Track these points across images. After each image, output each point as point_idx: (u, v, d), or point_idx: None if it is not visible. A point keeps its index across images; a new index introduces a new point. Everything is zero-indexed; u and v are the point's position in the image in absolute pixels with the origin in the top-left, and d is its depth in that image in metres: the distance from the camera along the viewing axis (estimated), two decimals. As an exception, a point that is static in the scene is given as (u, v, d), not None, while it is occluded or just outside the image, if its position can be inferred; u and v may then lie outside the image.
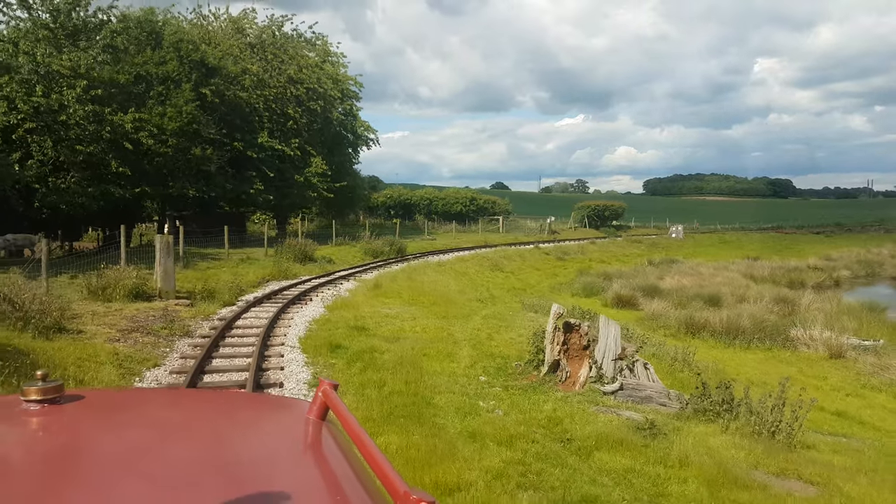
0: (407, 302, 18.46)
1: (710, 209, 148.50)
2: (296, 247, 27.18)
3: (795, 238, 78.54)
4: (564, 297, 29.99)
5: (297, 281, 21.86)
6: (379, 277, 23.84)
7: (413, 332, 13.25)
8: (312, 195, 36.24)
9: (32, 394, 1.60)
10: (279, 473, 1.38)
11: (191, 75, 29.51)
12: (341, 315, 15.18)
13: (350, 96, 43.52)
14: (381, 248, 33.70)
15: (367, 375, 9.42)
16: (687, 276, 36.29)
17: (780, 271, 42.45)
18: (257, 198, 32.23)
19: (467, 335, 13.39)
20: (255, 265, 24.07)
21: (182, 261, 20.93)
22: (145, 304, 14.45)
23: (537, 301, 21.96)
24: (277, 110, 35.04)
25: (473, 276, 31.59)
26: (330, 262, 28.09)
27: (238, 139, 31.27)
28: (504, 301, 22.99)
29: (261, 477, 1.35)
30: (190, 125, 28.46)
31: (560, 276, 38.34)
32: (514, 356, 11.19)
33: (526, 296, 27.67)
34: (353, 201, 47.15)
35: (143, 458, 1.44)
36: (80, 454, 1.45)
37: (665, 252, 56.38)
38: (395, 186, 64.22)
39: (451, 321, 15.14)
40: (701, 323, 21.00)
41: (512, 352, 11.62)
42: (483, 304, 20.54)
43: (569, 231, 62.58)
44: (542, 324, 15.62)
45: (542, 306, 20.28)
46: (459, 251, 40.45)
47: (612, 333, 9.37)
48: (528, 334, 14.02)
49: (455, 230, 51.99)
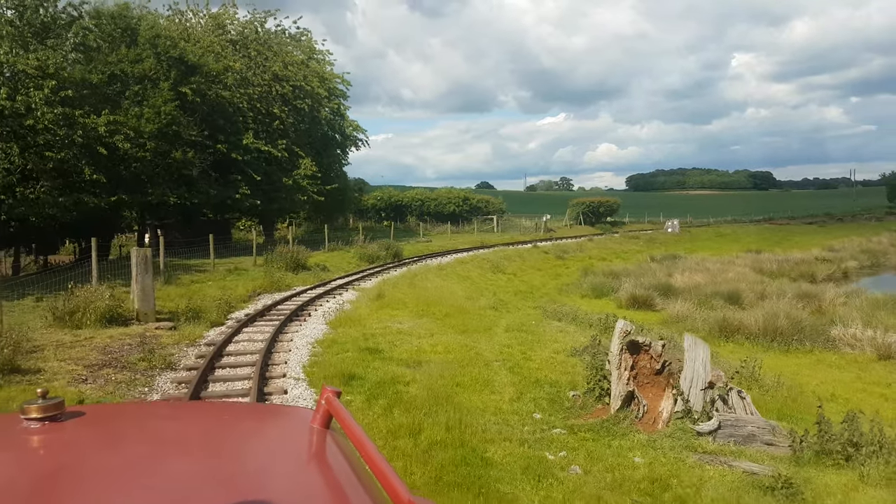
0: (416, 313, 16.61)
1: (695, 203, 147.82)
2: (287, 254, 25.24)
3: (790, 229, 77.45)
4: (573, 298, 28.30)
5: (292, 293, 19.95)
6: (380, 286, 21.96)
7: (434, 352, 11.41)
8: (302, 199, 34.26)
9: (33, 412, 1.58)
10: (283, 483, 1.37)
11: (169, 73, 27.47)
12: (347, 333, 13.31)
13: (337, 95, 41.60)
14: (377, 252, 31.82)
15: (396, 418, 7.58)
16: (696, 272, 34.65)
17: (787, 264, 40.98)
18: (243, 203, 30.22)
19: (497, 354, 11.57)
20: (244, 276, 22.12)
21: (163, 275, 18.95)
22: (121, 329, 12.51)
23: (558, 308, 20.19)
24: (262, 110, 33.04)
25: (476, 280, 29.80)
26: (325, 270, 26.16)
27: (221, 141, 29.26)
28: (517, 307, 21.19)
29: (265, 487, 1.34)
30: (169, 127, 26.44)
31: (564, 277, 36.63)
32: (565, 382, 9.38)
33: (534, 299, 25.92)
34: (344, 204, 45.18)
35: (146, 473, 1.42)
36: (82, 471, 1.41)
37: (664, 247, 54.87)
38: (386, 188, 62.20)
39: (472, 336, 13.31)
40: (734, 325, 19.30)
41: (559, 376, 9.81)
42: (497, 312, 18.72)
43: (564, 229, 60.90)
44: (577, 339, 13.86)
45: (564, 313, 18.50)
46: (457, 253, 38.65)
47: (699, 356, 7.58)
48: (566, 349, 12.25)
49: (450, 231, 50.18)
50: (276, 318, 15.34)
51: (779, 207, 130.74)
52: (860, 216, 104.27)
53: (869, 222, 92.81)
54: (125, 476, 1.40)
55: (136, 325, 12.97)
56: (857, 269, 43.66)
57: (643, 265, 40.05)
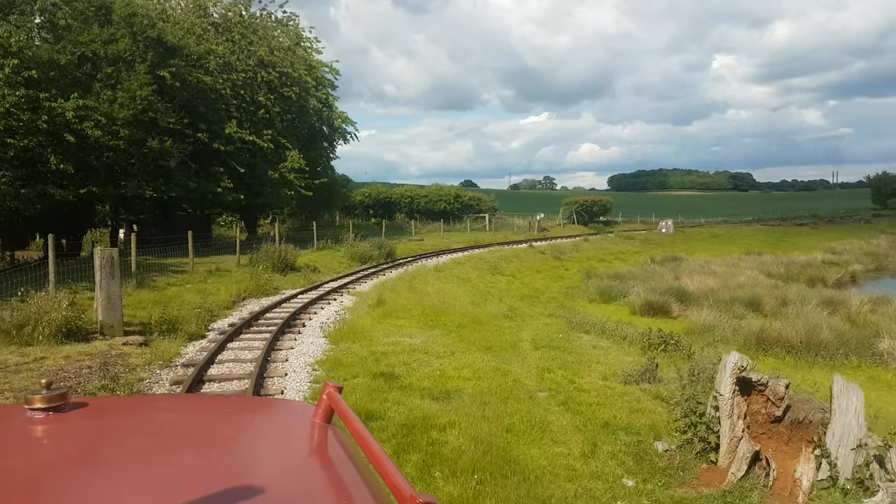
0: (425, 323, 14.61)
1: (681, 203, 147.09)
2: (273, 254, 23.08)
3: (783, 230, 76.26)
4: (580, 303, 26.42)
5: (281, 297, 17.84)
6: (379, 290, 19.92)
7: (462, 378, 9.40)
8: (289, 193, 32.08)
9: (37, 402, 1.58)
10: (285, 477, 1.38)
11: (146, 55, 25.17)
12: (352, 351, 11.28)
13: (325, 85, 39.43)
14: (369, 252, 29.73)
15: (440, 486, 5.57)
16: (705, 275, 32.89)
17: (793, 267, 39.32)
18: (226, 197, 27.96)
19: (538, 380, 9.60)
20: (227, 278, 19.96)
21: (135, 278, 16.75)
22: (80, 347, 10.37)
23: (580, 317, 18.22)
24: (247, 97, 30.81)
25: (476, 282, 27.85)
26: (315, 271, 24.04)
27: (202, 130, 27.00)
28: (530, 315, 19.25)
29: (267, 481, 1.34)
30: (145, 113, 24.19)
31: (565, 279, 34.77)
32: (642, 426, 7.41)
33: (542, 304, 24.01)
34: (332, 200, 43.02)
35: (148, 465, 1.42)
36: (85, 462, 1.43)
37: (661, 248, 53.28)
38: (374, 185, 59.83)
39: (499, 355, 11.32)
40: (773, 337, 17.47)
41: (628, 416, 7.84)
42: (513, 322, 16.76)
43: (557, 228, 59.08)
44: (621, 358, 11.92)
45: (589, 324, 16.56)
46: (452, 253, 36.68)
47: (853, 405, 5.65)
48: (616, 373, 10.30)
49: (442, 230, 48.14)
50: (266, 329, 13.25)
51: (763, 209, 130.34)
52: (848, 218, 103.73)
53: (858, 224, 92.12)
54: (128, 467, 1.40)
55: (100, 341, 10.84)
56: (864, 273, 42.30)
57: (646, 267, 38.27)
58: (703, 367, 9.81)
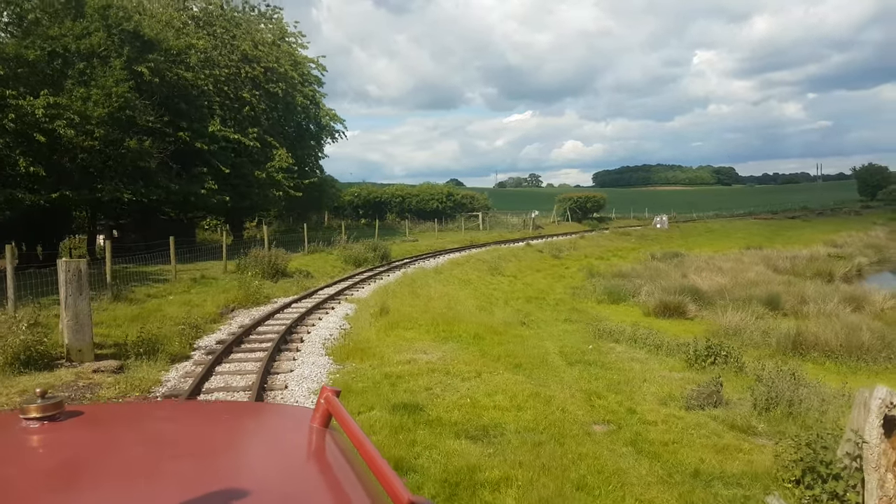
0: (437, 335, 13.13)
1: (668, 199, 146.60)
2: (263, 259, 21.48)
3: (778, 224, 75.43)
4: (589, 304, 25.08)
5: (274, 307, 16.30)
6: (379, 296, 18.43)
7: (498, 407, 7.93)
8: (276, 194, 30.44)
9: (32, 411, 1.57)
10: (283, 482, 1.37)
11: (122, 49, 23.47)
12: (362, 372, 9.78)
13: (311, 81, 37.79)
14: (364, 254, 28.20)
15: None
16: (713, 272, 31.64)
17: (798, 262, 38.19)
18: (210, 199, 26.28)
19: (588, 408, 8.14)
20: (214, 287, 18.37)
21: (111, 290, 15.12)
22: (42, 376, 8.79)
23: (605, 324, 16.74)
24: (230, 94, 29.16)
25: (478, 285, 26.41)
26: (308, 277, 22.48)
27: (184, 128, 25.32)
28: (546, 321, 17.83)
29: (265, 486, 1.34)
30: (122, 111, 22.52)
31: (567, 278, 33.42)
32: (741, 473, 5.96)
33: (552, 307, 22.61)
34: (322, 201, 41.32)
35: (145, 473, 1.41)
36: (82, 471, 1.42)
37: (659, 244, 52.12)
38: (364, 184, 58.12)
39: (531, 375, 9.87)
40: (810, 340, 16.13)
41: (714, 457, 6.38)
42: (531, 329, 15.33)
43: (552, 225, 57.73)
44: (669, 375, 10.49)
45: (617, 332, 15.11)
46: (448, 253, 35.23)
47: None
48: (673, 396, 8.88)
49: (436, 229, 46.64)
50: (260, 347, 11.71)
51: (750, 202, 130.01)
52: (838, 210, 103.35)
53: (849, 216, 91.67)
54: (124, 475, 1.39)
55: (66, 369, 9.26)
56: (868, 266, 41.29)
57: (648, 265, 36.98)
58: (779, 389, 8.41)
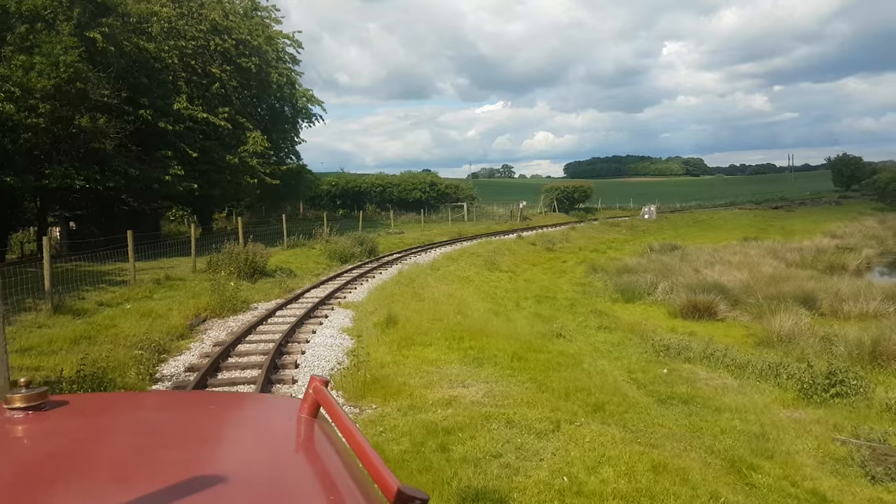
0: (464, 353, 10.42)
1: (642, 189, 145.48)
2: (239, 255, 18.50)
3: (764, 214, 73.85)
4: (604, 303, 22.50)
5: (255, 316, 13.44)
6: (377, 300, 15.65)
7: (618, 496, 5.21)
8: (250, 182, 27.33)
9: (16, 401, 1.55)
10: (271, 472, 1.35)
11: (71, 12, 20.20)
12: (390, 421, 7.01)
13: (286, 59, 34.62)
14: (349, 248, 25.31)
15: None
16: (726, 267, 29.29)
17: (807, 253, 36.06)
18: (175, 187, 23.14)
19: (748, 496, 5.46)
20: (181, 290, 15.40)
21: (51, 299, 12.06)
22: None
23: (663, 336, 14.01)
24: (198, 68, 25.97)
25: (479, 282, 23.74)
26: (291, 276, 19.57)
27: (145, 105, 22.12)
28: (578, 329, 15.20)
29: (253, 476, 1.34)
30: (71, 83, 19.34)
31: (569, 273, 30.89)
32: None
33: (567, 308, 20.03)
34: (298, 190, 38.14)
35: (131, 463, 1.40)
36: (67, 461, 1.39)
37: (652, 236, 49.92)
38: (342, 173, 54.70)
39: (626, 424, 7.20)
40: (891, 350, 13.70)
41: None
42: (570, 343, 12.66)
43: (539, 216, 55.16)
44: (809, 422, 7.86)
45: (681, 347, 12.47)
46: (438, 247, 32.48)
47: None
48: (836, 455, 6.23)
49: (421, 221, 43.79)
50: (242, 377, 8.87)
51: (721, 193, 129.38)
52: (818, 200, 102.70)
53: (829, 206, 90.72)
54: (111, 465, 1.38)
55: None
56: (876, 257, 39.44)
57: (651, 258, 34.42)
58: None
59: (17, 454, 1.41)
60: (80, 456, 1.42)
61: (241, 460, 1.47)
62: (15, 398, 1.55)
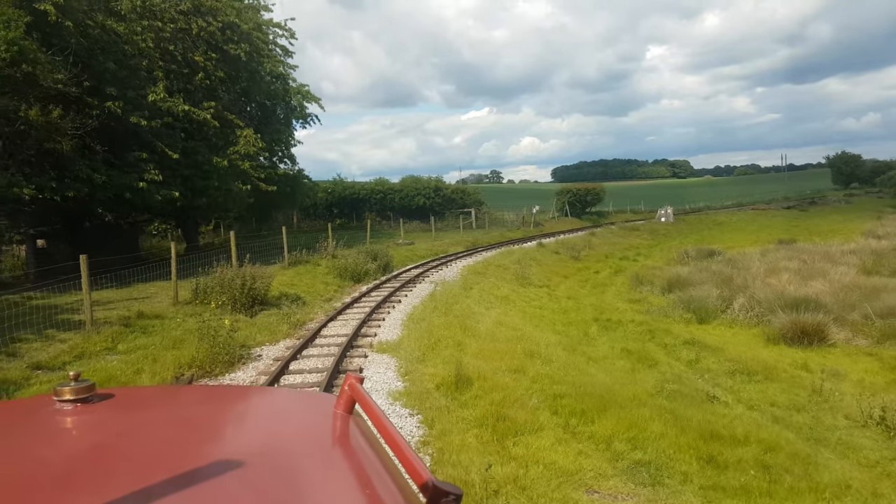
0: (610, 454, 6.48)
1: (634, 193, 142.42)
2: (233, 281, 14.39)
3: (783, 214, 70.27)
4: (677, 325, 18.67)
5: (260, 373, 9.39)
6: (422, 339, 11.63)
7: None
8: (243, 189, 23.20)
9: (66, 393, 1.59)
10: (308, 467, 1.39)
11: (15, -21, 16.15)
12: None
13: (278, 53, 30.54)
14: (362, 265, 21.26)
15: None
16: (793, 275, 25.44)
17: (864, 257, 32.34)
18: (152, 196, 18.97)
19: None
20: (157, 336, 11.31)
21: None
22: None
23: (840, 388, 10.09)
24: (178, 55, 21.85)
25: (521, 303, 19.87)
26: (298, 303, 15.51)
27: (113, 96, 17.96)
28: (701, 375, 11.23)
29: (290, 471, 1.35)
30: (15, 66, 15.31)
31: (611, 287, 27.03)
32: None
33: (637, 334, 16.10)
34: (294, 198, 33.94)
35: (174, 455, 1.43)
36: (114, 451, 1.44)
37: (674, 239, 46.24)
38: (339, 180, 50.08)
39: None
40: None
41: None
42: (724, 406, 8.73)
43: (552, 222, 51.23)
44: None
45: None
46: (456, 259, 28.52)
47: None
48: None
49: (431, 229, 39.73)
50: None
51: (720, 195, 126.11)
52: (827, 199, 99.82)
53: (840, 205, 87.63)
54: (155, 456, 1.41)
55: None
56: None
57: (698, 266, 30.55)
58: None
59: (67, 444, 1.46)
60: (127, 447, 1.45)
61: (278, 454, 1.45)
62: (65, 390, 1.59)
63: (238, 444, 1.55)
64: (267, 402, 2.01)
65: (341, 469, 1.43)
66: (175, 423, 1.68)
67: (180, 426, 1.66)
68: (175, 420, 1.72)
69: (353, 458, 1.48)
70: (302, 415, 1.80)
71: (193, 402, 1.96)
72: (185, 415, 1.78)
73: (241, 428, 1.72)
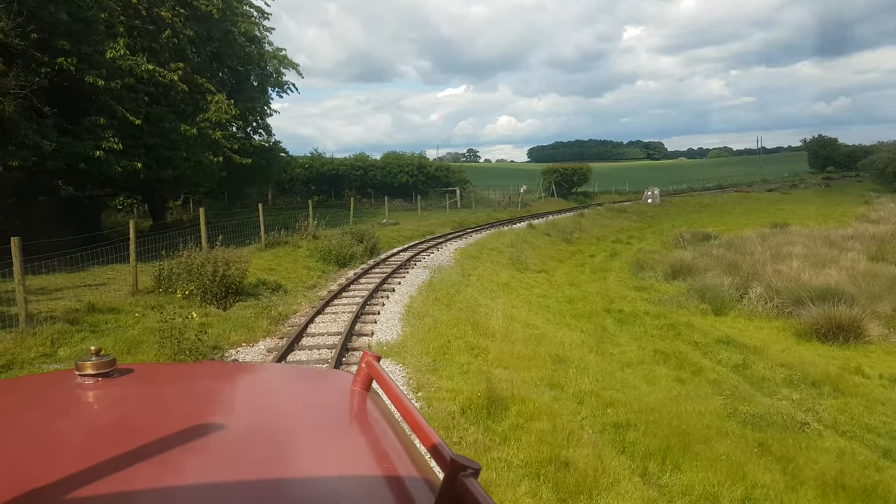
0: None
1: (611, 174, 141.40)
2: (203, 267, 12.35)
3: (766, 197, 69.30)
4: (694, 317, 17.10)
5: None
6: (429, 340, 9.77)
7: None
8: (214, 160, 21.00)
9: (87, 368, 1.59)
10: (326, 443, 1.38)
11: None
12: None
13: (252, 11, 28.17)
14: (347, 247, 19.28)
15: None
16: (802, 261, 23.96)
17: (866, 242, 31.11)
18: (111, 166, 16.76)
19: None
20: (110, 336, 9.31)
21: None
22: None
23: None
24: (142, 10, 19.48)
25: (522, 291, 18.16)
26: (278, 292, 13.53)
27: (65, 51, 15.66)
28: (758, 393, 9.55)
29: (308, 447, 1.36)
30: (-55, 12, 12.97)
31: (611, 273, 25.41)
32: None
33: (655, 329, 14.46)
34: (270, 172, 31.65)
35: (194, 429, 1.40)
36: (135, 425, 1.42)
37: (664, 222, 44.88)
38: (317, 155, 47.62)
39: None
40: None
41: None
42: (762, 431, 7.04)
43: (539, 202, 49.45)
44: None
45: None
46: (446, 241, 26.65)
47: None
48: None
49: (417, 209, 37.74)
50: None
51: (698, 176, 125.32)
52: (807, 182, 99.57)
53: (821, 188, 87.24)
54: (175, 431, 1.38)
55: None
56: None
57: (700, 251, 28.95)
58: None
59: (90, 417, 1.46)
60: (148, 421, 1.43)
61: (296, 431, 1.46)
62: (86, 365, 1.59)
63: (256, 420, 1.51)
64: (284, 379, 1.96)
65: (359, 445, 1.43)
66: (194, 398, 1.67)
67: (200, 401, 1.65)
68: (194, 395, 1.71)
69: (370, 434, 1.47)
70: (319, 392, 1.79)
71: (212, 378, 1.96)
72: (204, 390, 1.77)
73: (259, 404, 1.67)
